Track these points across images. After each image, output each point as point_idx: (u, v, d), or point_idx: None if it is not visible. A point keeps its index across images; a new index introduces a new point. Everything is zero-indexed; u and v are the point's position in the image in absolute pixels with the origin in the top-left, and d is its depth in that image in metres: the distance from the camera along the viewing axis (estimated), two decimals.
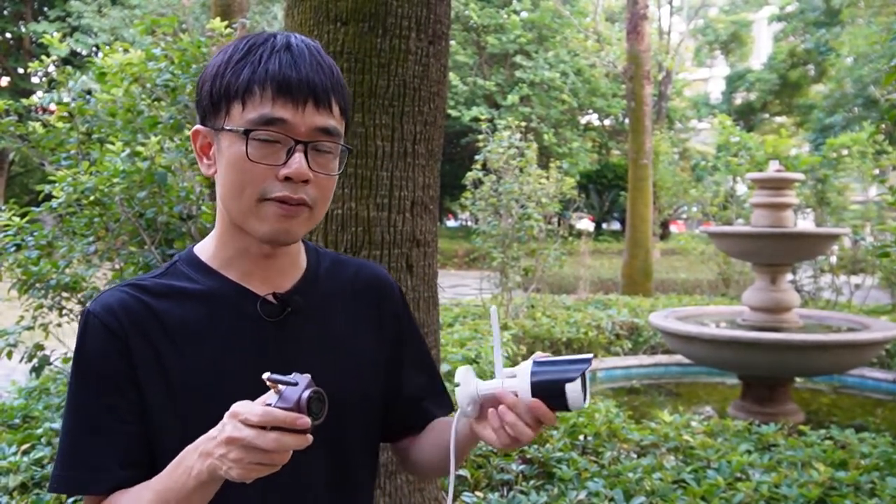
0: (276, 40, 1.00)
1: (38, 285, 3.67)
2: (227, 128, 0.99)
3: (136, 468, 0.97)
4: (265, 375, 0.86)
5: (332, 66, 1.02)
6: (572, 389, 0.93)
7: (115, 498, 0.97)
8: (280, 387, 0.86)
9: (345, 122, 1.05)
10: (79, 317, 1.07)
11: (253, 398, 0.89)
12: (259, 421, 0.83)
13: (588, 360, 0.94)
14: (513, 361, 6.21)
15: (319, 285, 1.13)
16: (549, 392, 0.94)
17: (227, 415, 0.86)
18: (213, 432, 0.87)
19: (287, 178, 0.97)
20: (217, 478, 0.87)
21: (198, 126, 1.05)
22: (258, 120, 0.97)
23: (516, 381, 0.97)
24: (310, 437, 0.85)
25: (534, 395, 0.95)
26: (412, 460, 1.23)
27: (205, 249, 1.10)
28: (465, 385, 1.00)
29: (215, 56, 1.04)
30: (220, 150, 1.02)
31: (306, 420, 0.84)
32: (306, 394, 0.85)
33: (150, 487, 0.95)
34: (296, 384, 0.86)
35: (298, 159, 0.97)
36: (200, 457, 0.88)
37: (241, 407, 0.85)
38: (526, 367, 0.97)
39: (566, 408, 0.94)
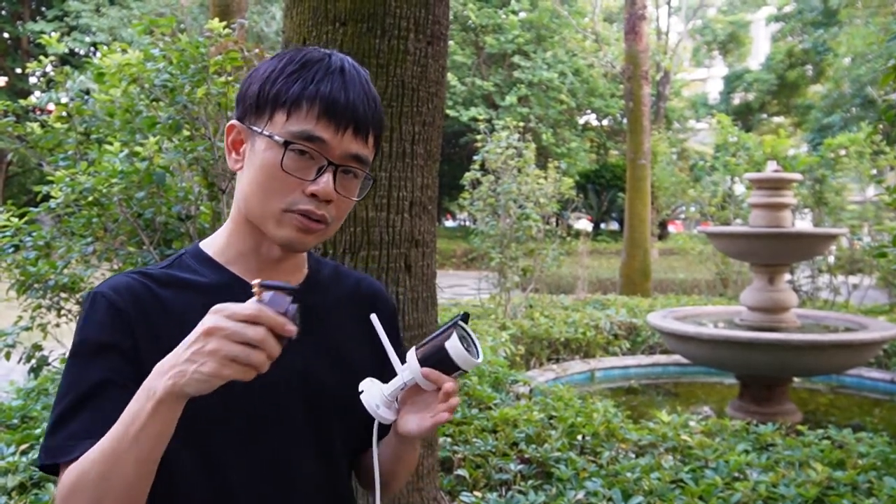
0: (331, 61, 1.04)
1: (36, 286, 3.67)
2: (267, 133, 1.01)
3: None
4: (255, 281, 0.86)
5: (376, 99, 1.07)
6: (452, 346, 0.97)
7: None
8: (264, 294, 0.85)
9: (374, 153, 1.09)
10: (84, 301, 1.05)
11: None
12: (249, 316, 0.82)
13: (456, 320, 1.00)
14: (511, 361, 6.22)
15: (320, 290, 1.16)
16: (437, 360, 0.99)
17: (209, 313, 0.85)
18: (181, 344, 0.86)
19: (313, 195, 1.01)
20: (174, 393, 0.84)
21: (234, 121, 1.08)
22: (299, 134, 1.00)
23: (407, 368, 1.01)
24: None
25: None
26: (362, 471, 1.23)
27: (212, 245, 1.12)
28: (370, 391, 1.03)
29: (267, 61, 1.07)
30: (253, 151, 1.04)
31: (293, 328, 0.84)
32: (293, 306, 0.85)
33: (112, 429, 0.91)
34: (292, 291, 0.85)
35: (327, 179, 1.01)
36: (158, 375, 0.85)
37: (226, 304, 0.84)
38: (411, 352, 1.02)
39: (457, 367, 0.98)
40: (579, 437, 3.60)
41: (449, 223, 34.04)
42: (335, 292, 1.19)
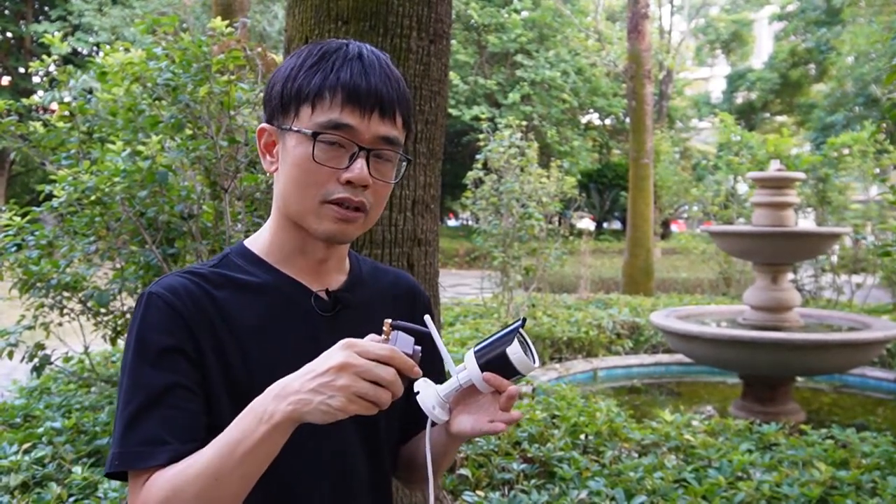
0: (348, 49, 1.05)
1: (38, 285, 3.67)
2: (295, 129, 1.03)
3: (197, 444, 0.94)
4: (387, 320, 0.91)
5: (399, 79, 1.07)
6: (513, 352, 0.98)
7: (164, 471, 0.92)
8: (392, 334, 0.89)
9: (405, 133, 1.10)
10: (139, 297, 1.05)
11: None
12: (382, 356, 0.86)
13: (517, 325, 1.01)
14: None
15: (364, 287, 1.18)
16: (497, 364, 1.00)
17: (337, 346, 0.88)
18: (303, 370, 0.88)
19: (348, 182, 1.02)
20: (293, 419, 0.87)
21: (264, 124, 1.09)
22: (326, 124, 1.01)
23: (466, 371, 1.02)
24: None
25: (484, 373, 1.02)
26: (401, 466, 1.25)
27: (258, 244, 1.12)
28: (425, 392, 1.03)
29: (287, 59, 1.08)
30: (284, 149, 1.05)
31: (419, 371, 0.88)
32: (418, 347, 0.89)
33: (209, 446, 0.91)
34: (420, 333, 0.90)
35: (360, 165, 1.01)
36: (276, 399, 0.87)
37: (358, 341, 0.87)
38: (469, 355, 1.02)
39: (517, 371, 1.00)
40: (582, 437, 3.59)
41: (451, 222, 34.04)
42: (375, 288, 1.20)
